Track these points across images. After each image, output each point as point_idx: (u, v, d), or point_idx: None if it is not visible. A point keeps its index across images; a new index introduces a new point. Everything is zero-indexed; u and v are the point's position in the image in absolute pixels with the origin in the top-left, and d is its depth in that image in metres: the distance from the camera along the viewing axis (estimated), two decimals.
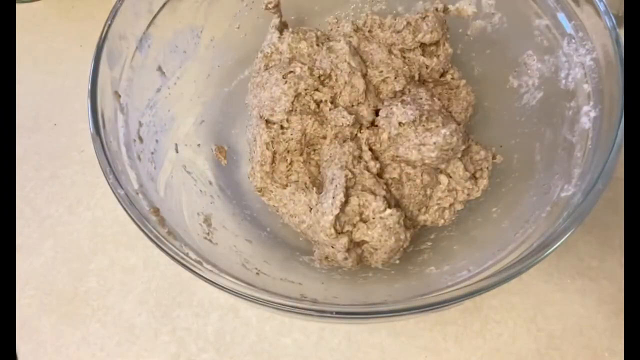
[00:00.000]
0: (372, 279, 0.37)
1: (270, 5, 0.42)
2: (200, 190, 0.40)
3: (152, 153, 0.38)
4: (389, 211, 0.36)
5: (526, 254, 0.29)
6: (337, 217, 0.35)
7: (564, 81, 0.37)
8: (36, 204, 0.47)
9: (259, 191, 0.41)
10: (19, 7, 0.57)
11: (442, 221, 0.40)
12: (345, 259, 0.36)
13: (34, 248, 0.45)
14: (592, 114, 0.34)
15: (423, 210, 0.40)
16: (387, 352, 0.40)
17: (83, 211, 0.47)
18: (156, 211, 0.33)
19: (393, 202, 0.38)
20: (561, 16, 0.37)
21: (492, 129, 0.43)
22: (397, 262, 0.37)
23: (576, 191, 0.31)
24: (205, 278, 0.29)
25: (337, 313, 0.28)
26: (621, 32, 0.32)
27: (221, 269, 0.31)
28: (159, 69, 0.40)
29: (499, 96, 0.43)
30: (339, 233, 0.35)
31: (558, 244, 0.29)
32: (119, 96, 0.36)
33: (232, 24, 0.44)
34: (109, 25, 0.36)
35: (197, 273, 0.30)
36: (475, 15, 0.42)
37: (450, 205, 0.39)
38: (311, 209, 0.38)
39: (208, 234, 0.37)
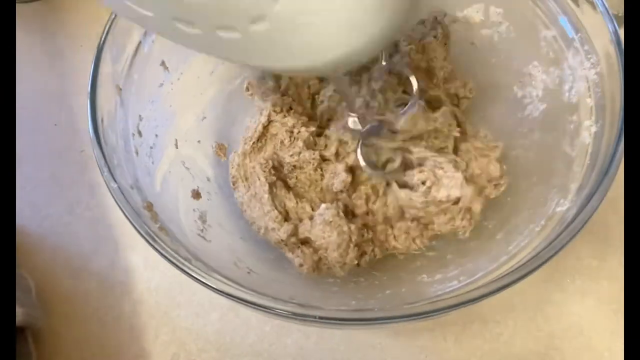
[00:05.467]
0: (363, 284, 0.37)
1: None
2: (198, 187, 0.40)
3: (151, 148, 0.38)
4: (323, 206, 0.36)
5: (517, 267, 0.29)
6: (271, 193, 0.37)
7: (567, 94, 0.37)
8: (36, 204, 0.47)
9: (233, 183, 0.41)
10: (19, 7, 0.57)
11: (415, 246, 0.38)
12: (301, 265, 0.36)
13: (34, 248, 0.45)
14: (593, 129, 0.33)
15: (390, 235, 0.39)
16: (387, 352, 0.40)
17: (83, 211, 0.47)
18: (149, 206, 0.33)
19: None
20: (568, 28, 0.36)
21: (494, 139, 0.42)
22: (356, 263, 0.37)
23: (571, 206, 0.31)
24: (192, 275, 0.29)
25: (320, 318, 0.28)
26: (621, 31, 0.32)
27: (211, 266, 0.31)
28: (163, 63, 0.40)
29: (503, 106, 0.42)
30: (285, 220, 0.36)
31: (550, 257, 0.28)
32: (120, 89, 0.36)
33: None
34: (113, 19, 0.36)
35: (184, 270, 0.30)
36: (482, 24, 0.42)
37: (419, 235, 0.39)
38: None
39: (202, 230, 0.37)
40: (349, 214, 0.38)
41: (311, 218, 0.38)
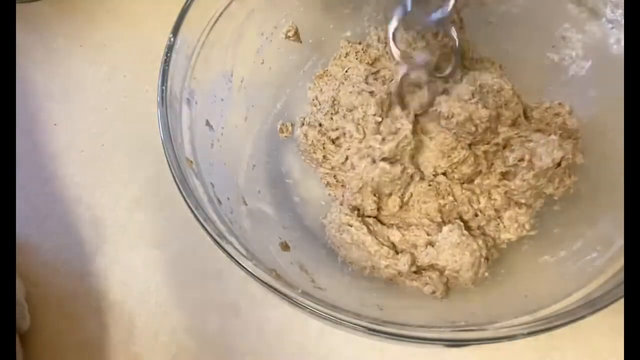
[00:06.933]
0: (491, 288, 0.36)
1: (290, 34, 0.43)
2: (280, 238, 0.39)
3: (232, 213, 0.36)
4: (446, 229, 0.35)
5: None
6: (371, 233, 0.36)
7: (615, 46, 0.35)
8: (36, 204, 0.47)
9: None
10: (19, 7, 0.57)
11: (525, 231, 0.38)
12: (434, 292, 0.35)
13: (34, 248, 0.45)
14: None
15: (502, 228, 0.38)
16: (387, 353, 0.40)
17: (83, 211, 0.47)
18: (277, 274, 0.31)
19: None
20: None
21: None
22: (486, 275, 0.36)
23: None
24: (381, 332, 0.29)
25: (495, 338, 0.29)
26: None
27: (358, 314, 0.29)
28: (207, 123, 0.39)
29: (540, 73, 0.41)
30: (398, 252, 0.35)
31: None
32: (191, 162, 0.34)
33: (256, 60, 0.43)
34: (164, 89, 0.34)
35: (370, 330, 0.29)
36: (498, 1, 0.41)
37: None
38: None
39: (313, 281, 0.35)
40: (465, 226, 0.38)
41: (430, 243, 0.37)
